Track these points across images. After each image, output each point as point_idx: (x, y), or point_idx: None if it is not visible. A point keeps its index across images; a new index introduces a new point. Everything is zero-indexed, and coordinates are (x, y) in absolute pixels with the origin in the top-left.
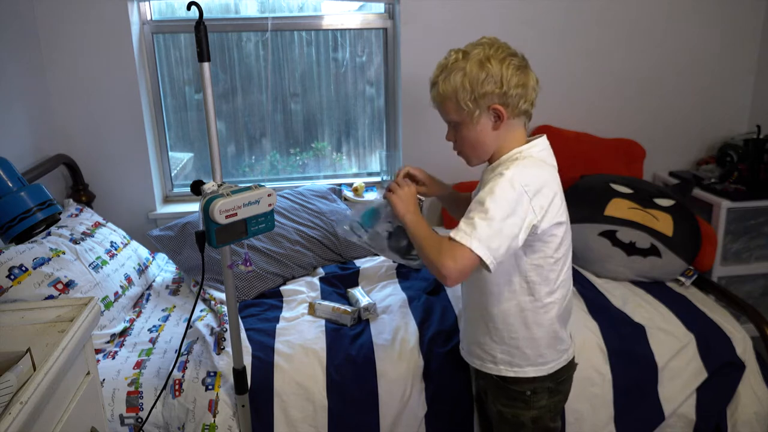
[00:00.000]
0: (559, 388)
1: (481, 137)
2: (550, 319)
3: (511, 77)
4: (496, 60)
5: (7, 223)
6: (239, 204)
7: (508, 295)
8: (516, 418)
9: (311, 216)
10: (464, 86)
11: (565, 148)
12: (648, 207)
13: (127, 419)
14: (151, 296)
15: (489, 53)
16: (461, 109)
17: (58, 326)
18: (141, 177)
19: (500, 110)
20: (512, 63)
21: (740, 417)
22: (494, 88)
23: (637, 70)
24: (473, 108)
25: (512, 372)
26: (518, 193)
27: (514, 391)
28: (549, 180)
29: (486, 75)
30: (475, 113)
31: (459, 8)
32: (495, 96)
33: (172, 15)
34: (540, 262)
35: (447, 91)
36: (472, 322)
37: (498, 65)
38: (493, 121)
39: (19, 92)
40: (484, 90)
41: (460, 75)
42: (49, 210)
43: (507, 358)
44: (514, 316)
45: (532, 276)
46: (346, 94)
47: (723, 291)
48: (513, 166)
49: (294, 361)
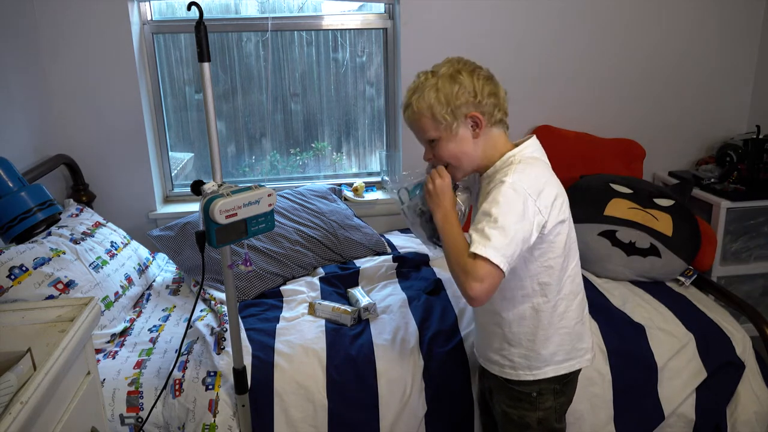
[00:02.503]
0: (564, 389)
1: (463, 147)
2: (565, 316)
3: (483, 87)
4: (465, 72)
5: (7, 223)
6: (239, 204)
7: (521, 299)
8: (522, 419)
9: (311, 216)
10: (439, 100)
11: (565, 148)
12: (648, 207)
13: (127, 419)
14: (152, 296)
15: (458, 67)
16: (439, 123)
17: (58, 326)
18: (141, 177)
19: (478, 117)
20: (481, 74)
21: (740, 417)
22: (468, 98)
23: (637, 70)
24: (451, 120)
25: (531, 375)
26: (523, 197)
27: (519, 392)
28: (548, 179)
29: (459, 87)
30: (453, 125)
31: (459, 8)
32: (470, 105)
33: (172, 15)
34: (550, 263)
35: (422, 108)
36: (486, 329)
37: (468, 77)
38: (472, 130)
39: (19, 92)
40: (459, 101)
41: (433, 91)
42: (50, 210)
43: (525, 362)
44: (529, 319)
45: (544, 278)
46: (346, 94)
47: (722, 291)
48: (511, 171)
49: (294, 361)
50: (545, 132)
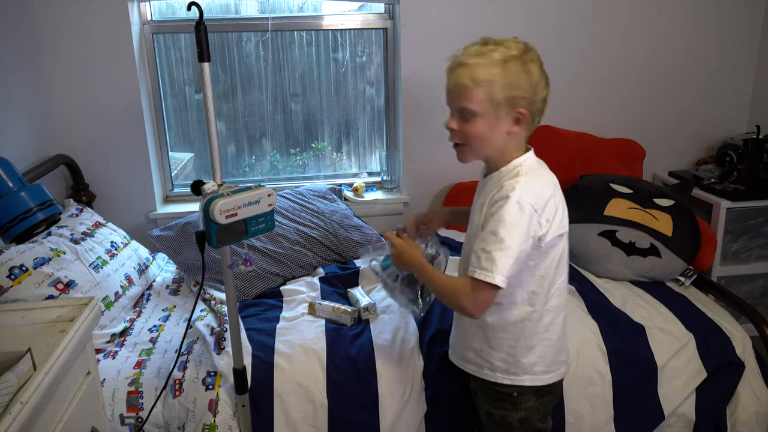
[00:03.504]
0: (547, 389)
1: (494, 135)
2: (550, 328)
3: (542, 90)
4: (536, 64)
5: (7, 223)
6: (239, 204)
7: (509, 306)
8: (504, 419)
9: (311, 216)
10: (503, 80)
11: (565, 148)
12: (648, 207)
13: (127, 419)
14: (152, 296)
15: (531, 56)
16: (488, 101)
17: (58, 326)
18: (141, 177)
19: (525, 115)
20: (544, 73)
21: (740, 417)
22: (528, 92)
23: (636, 69)
24: (502, 105)
25: (508, 380)
26: (528, 214)
27: (501, 393)
28: (553, 192)
29: (527, 77)
30: (500, 111)
31: (459, 8)
32: (524, 101)
33: (173, 15)
34: (542, 273)
35: (479, 77)
36: (467, 329)
37: (538, 70)
38: (511, 125)
39: (19, 92)
40: (520, 92)
41: (500, 68)
42: (50, 210)
43: (504, 366)
44: (514, 326)
45: (534, 287)
46: (346, 94)
47: (722, 291)
48: (518, 186)
49: (294, 361)
50: (545, 132)
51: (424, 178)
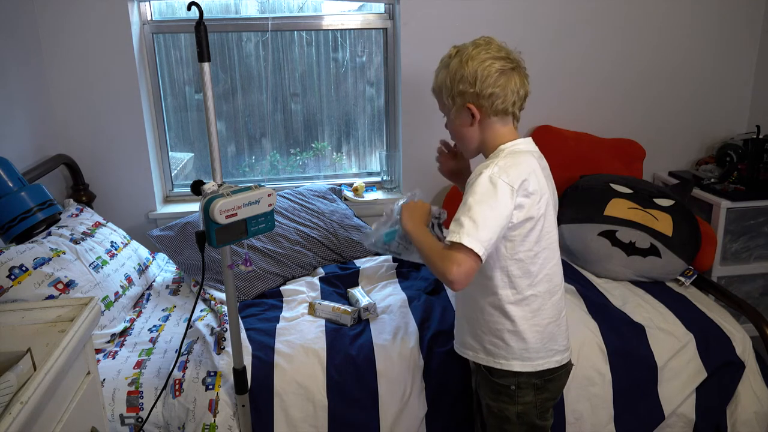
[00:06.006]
0: (546, 386)
1: (462, 131)
2: (538, 314)
3: (487, 78)
4: (477, 60)
5: (7, 223)
6: (239, 204)
7: (491, 288)
8: (501, 412)
9: (311, 216)
10: (445, 83)
11: (565, 148)
12: (648, 207)
13: (127, 419)
14: (152, 296)
15: (472, 53)
16: (443, 103)
17: (58, 326)
18: (141, 177)
19: (473, 109)
20: (494, 65)
21: (740, 417)
22: (467, 88)
23: (636, 70)
24: (451, 104)
25: (498, 364)
26: (498, 186)
27: (499, 385)
28: (529, 173)
29: (463, 74)
30: (452, 109)
31: (459, 8)
32: (468, 95)
33: (172, 15)
34: (521, 256)
35: (435, 85)
36: (465, 314)
37: (475, 65)
38: (469, 118)
39: (19, 92)
40: (459, 88)
41: (444, 72)
42: (50, 210)
43: (494, 349)
44: (497, 308)
45: (513, 269)
46: (346, 94)
47: (722, 291)
48: (492, 164)
49: (294, 361)
50: (545, 132)
51: (424, 179)
